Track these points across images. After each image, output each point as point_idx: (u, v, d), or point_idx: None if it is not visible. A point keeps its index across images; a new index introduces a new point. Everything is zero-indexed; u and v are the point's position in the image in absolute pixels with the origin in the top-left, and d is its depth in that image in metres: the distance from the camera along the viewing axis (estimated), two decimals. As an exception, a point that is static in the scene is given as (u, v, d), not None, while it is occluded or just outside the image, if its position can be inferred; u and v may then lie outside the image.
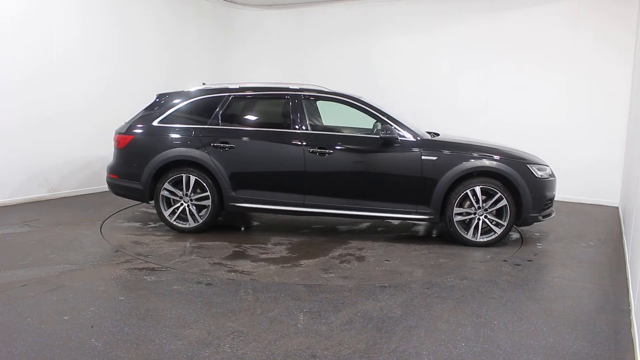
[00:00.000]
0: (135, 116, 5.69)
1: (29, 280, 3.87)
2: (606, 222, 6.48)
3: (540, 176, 5.07)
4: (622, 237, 5.64)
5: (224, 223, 6.01)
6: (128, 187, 5.53)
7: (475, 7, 8.13)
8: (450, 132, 6.65)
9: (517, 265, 4.59)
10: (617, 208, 7.23)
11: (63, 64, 6.90)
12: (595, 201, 7.53)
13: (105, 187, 7.43)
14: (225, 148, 5.28)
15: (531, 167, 5.06)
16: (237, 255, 4.73)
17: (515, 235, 5.62)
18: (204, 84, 5.84)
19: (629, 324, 3.35)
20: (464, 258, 4.74)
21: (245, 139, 5.33)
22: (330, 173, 5.18)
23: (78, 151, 7.26)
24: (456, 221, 5.06)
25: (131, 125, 5.58)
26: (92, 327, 3.10)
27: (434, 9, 8.44)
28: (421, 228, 5.89)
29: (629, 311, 3.55)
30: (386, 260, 4.61)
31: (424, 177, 5.05)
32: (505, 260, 4.72)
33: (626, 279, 4.24)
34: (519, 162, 5.06)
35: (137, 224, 5.83)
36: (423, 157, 5.05)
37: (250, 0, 9.57)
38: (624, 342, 3.09)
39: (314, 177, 5.18)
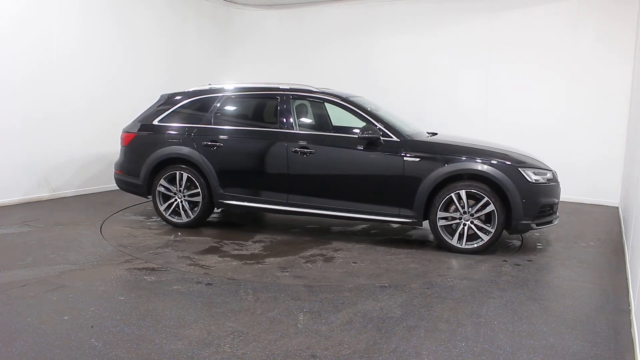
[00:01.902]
0: (139, 115, 5.95)
1: (29, 280, 3.87)
2: (606, 222, 6.48)
3: (534, 180, 4.74)
4: (622, 237, 5.63)
5: (229, 220, 6.05)
6: (130, 182, 5.84)
7: (475, 7, 8.12)
8: (451, 131, 6.66)
9: (517, 265, 4.59)
10: (617, 208, 7.23)
11: (63, 64, 6.90)
12: (595, 201, 7.53)
13: (105, 186, 7.63)
14: (214, 147, 5.44)
15: (523, 170, 4.73)
16: (210, 250, 4.85)
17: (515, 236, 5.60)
18: (209, 84, 5.96)
19: (629, 324, 3.35)
20: (437, 264, 4.54)
21: (232, 138, 5.47)
22: (312, 172, 5.19)
23: (78, 151, 7.26)
24: (440, 226, 4.84)
25: (134, 124, 5.90)
26: (92, 327, 3.10)
27: (434, 9, 8.44)
28: (417, 232, 5.78)
29: (629, 311, 3.55)
30: (353, 263, 4.55)
31: (406, 178, 4.88)
32: (505, 260, 4.71)
33: (626, 279, 4.24)
34: (509, 165, 4.75)
35: (141, 218, 6.09)
36: (405, 159, 4.89)
37: (250, 0, 9.57)
38: (624, 342, 3.09)
39: (296, 176, 5.21)
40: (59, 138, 6.96)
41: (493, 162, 4.77)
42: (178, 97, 5.81)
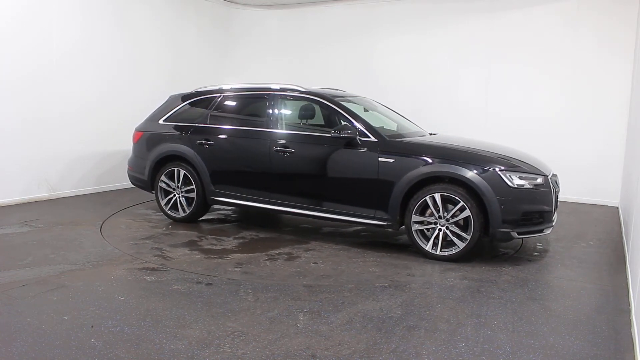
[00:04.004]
0: (149, 115, 6.28)
1: (29, 280, 3.87)
2: (606, 222, 6.48)
3: (516, 185, 4.39)
4: (622, 237, 5.63)
5: (239, 217, 6.12)
6: (138, 177, 6.18)
7: (475, 7, 8.12)
8: (451, 131, 6.67)
9: (517, 265, 4.58)
10: (617, 208, 7.23)
11: (63, 64, 6.90)
12: (595, 201, 7.53)
13: (105, 186, 7.68)
14: (206, 145, 5.64)
15: (504, 173, 4.40)
16: (186, 244, 5.04)
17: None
18: (220, 85, 6.07)
19: (629, 324, 3.35)
20: (399, 270, 4.34)
21: (223, 136, 5.64)
22: (291, 171, 5.21)
23: (78, 151, 7.26)
24: (415, 230, 4.63)
25: (143, 123, 6.25)
26: (92, 327, 3.10)
27: (434, 9, 8.44)
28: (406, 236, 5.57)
29: (629, 311, 3.55)
30: (314, 263, 4.51)
31: (380, 180, 4.72)
32: (505, 260, 4.71)
33: (626, 279, 4.24)
34: (487, 167, 4.43)
35: (150, 211, 6.41)
36: (380, 159, 4.73)
37: (250, 0, 9.58)
38: (624, 342, 3.09)
39: (278, 175, 5.27)
40: (59, 138, 6.96)
41: (470, 164, 4.48)
42: (183, 97, 6.09)
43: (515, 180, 4.41)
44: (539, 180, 4.55)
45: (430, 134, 5.60)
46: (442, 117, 8.22)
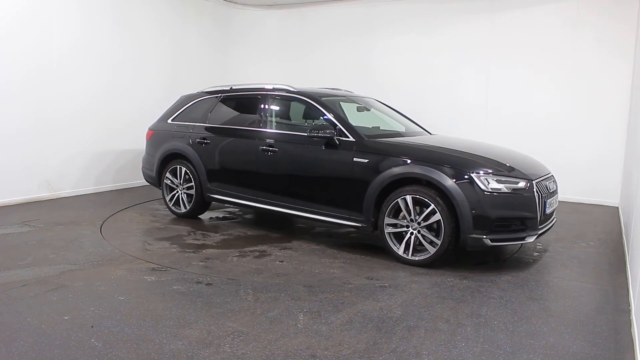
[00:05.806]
0: (162, 114, 6.51)
1: (29, 280, 3.87)
2: (606, 222, 6.48)
3: (490, 189, 4.14)
4: (622, 237, 5.63)
5: (245, 215, 6.15)
6: (149, 174, 6.44)
7: (475, 7, 8.12)
8: (451, 131, 6.67)
9: (517, 265, 4.58)
10: (617, 208, 7.23)
11: (63, 64, 6.89)
12: (595, 201, 7.53)
13: (105, 186, 7.69)
14: (203, 144, 5.80)
15: (478, 176, 4.17)
16: (171, 238, 5.20)
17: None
18: (231, 86, 6.14)
19: (629, 324, 3.35)
20: (361, 272, 4.26)
21: (218, 136, 5.76)
22: (275, 171, 5.26)
23: (78, 151, 7.25)
24: (387, 233, 4.50)
25: (156, 122, 6.49)
26: (92, 327, 3.10)
27: (433, 9, 8.44)
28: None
29: (629, 311, 3.55)
30: (279, 261, 4.51)
31: (355, 180, 4.65)
32: (504, 260, 4.71)
33: (626, 279, 4.24)
34: (458, 169, 4.23)
35: (161, 207, 6.62)
36: (354, 159, 4.65)
37: (250, 0, 9.58)
38: (624, 342, 3.09)
39: (264, 174, 5.34)
40: (59, 138, 6.95)
41: (443, 165, 4.28)
42: (190, 98, 6.28)
43: (491, 184, 4.17)
44: (521, 184, 4.27)
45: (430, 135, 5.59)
46: (442, 117, 8.22)
